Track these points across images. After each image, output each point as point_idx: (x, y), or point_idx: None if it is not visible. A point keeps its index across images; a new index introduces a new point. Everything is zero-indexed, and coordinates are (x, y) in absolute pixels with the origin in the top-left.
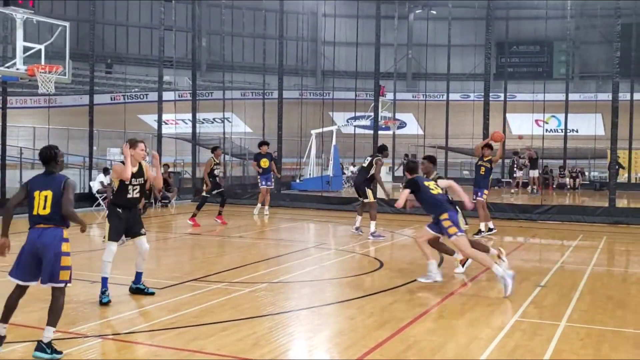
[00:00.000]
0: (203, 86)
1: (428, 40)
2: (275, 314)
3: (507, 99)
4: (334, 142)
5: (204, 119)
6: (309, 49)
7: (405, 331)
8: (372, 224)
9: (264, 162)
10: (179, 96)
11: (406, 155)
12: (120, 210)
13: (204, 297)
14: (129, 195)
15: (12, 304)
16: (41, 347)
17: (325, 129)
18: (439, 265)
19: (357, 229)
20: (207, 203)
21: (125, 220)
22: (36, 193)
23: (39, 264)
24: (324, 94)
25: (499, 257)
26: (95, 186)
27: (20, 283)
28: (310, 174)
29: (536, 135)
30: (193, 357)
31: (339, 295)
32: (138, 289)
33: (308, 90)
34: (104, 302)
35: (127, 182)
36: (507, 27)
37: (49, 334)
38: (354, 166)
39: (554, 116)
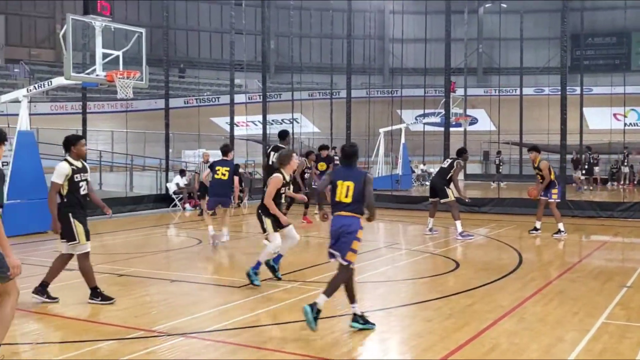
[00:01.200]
0: (272, 88)
1: (499, 34)
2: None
3: (584, 93)
4: (402, 141)
5: (273, 120)
6: (376, 47)
7: (486, 333)
8: (458, 223)
9: (322, 166)
10: (248, 98)
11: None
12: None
13: (280, 296)
14: (279, 200)
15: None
16: (355, 318)
17: (394, 127)
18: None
19: (430, 230)
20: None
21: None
22: (339, 182)
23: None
24: (395, 92)
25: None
26: (172, 187)
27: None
28: (378, 173)
29: (615, 130)
30: (273, 356)
31: (414, 297)
32: (272, 267)
33: (376, 88)
34: (256, 284)
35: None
36: (582, 19)
37: (356, 307)
38: (424, 164)
39: (633, 109)
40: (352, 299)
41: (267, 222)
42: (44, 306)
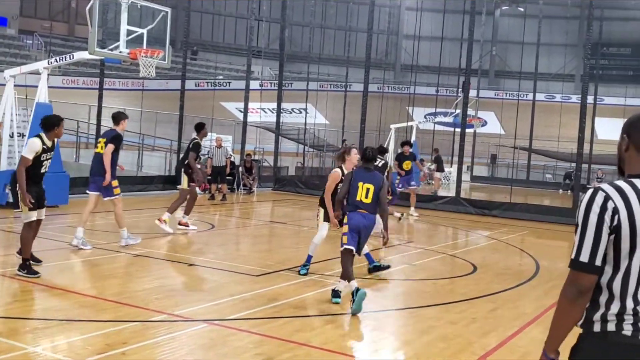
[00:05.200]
0: (283, 76)
1: (514, 38)
2: (374, 311)
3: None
4: (413, 138)
5: (282, 109)
6: (389, 42)
7: (513, 341)
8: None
9: (407, 165)
10: (259, 85)
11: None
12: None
13: (300, 288)
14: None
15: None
16: (335, 293)
17: (406, 124)
18: None
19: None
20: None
21: None
22: (360, 184)
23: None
24: (406, 89)
25: None
26: None
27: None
28: None
29: None
30: (300, 350)
31: (436, 298)
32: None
33: (388, 84)
34: (302, 273)
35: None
36: (600, 28)
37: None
38: (432, 163)
39: None
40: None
41: (321, 212)
42: (64, 283)
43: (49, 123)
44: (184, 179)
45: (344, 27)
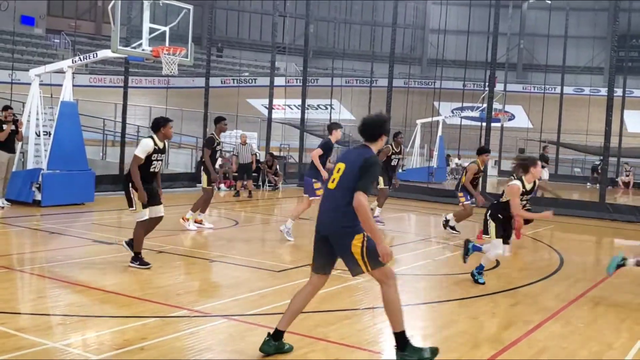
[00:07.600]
0: (309, 72)
1: (541, 31)
2: None
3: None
4: (439, 133)
5: (308, 105)
6: (416, 36)
7: (533, 335)
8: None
9: None
10: (285, 82)
11: (521, 149)
12: None
13: None
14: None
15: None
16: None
17: (432, 119)
18: None
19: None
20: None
21: None
22: None
23: None
24: (432, 83)
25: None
26: None
27: None
28: (412, 165)
29: None
30: (317, 345)
31: (456, 293)
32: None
33: (414, 79)
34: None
35: None
36: (629, 20)
37: None
38: (459, 158)
39: None
40: None
41: (492, 227)
42: (87, 279)
43: (156, 124)
44: (204, 177)
45: (369, 22)
